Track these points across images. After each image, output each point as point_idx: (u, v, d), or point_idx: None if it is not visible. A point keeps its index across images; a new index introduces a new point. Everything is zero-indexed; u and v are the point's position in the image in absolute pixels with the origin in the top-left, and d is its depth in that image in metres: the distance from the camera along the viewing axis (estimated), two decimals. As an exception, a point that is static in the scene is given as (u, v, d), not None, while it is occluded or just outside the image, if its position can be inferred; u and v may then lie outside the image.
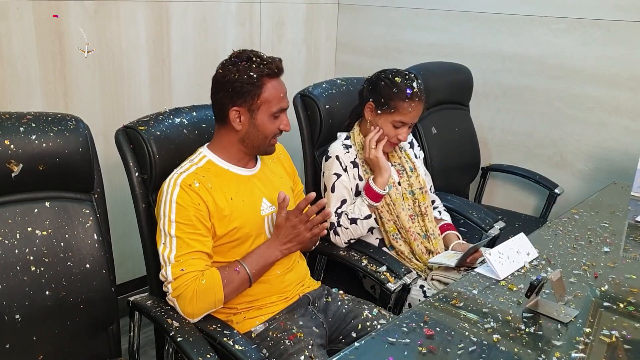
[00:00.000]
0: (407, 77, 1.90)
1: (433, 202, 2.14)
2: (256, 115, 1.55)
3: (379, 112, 1.91)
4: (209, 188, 1.52)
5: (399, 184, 1.99)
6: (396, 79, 1.89)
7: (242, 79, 1.52)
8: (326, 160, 1.96)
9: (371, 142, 1.89)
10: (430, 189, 2.14)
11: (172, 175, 1.54)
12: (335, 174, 1.92)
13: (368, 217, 1.87)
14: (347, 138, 2.00)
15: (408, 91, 1.86)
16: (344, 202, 1.92)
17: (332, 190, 1.92)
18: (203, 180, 1.52)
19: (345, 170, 1.93)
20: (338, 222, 1.89)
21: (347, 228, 1.88)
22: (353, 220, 1.87)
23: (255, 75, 1.52)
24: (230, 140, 1.60)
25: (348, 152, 1.96)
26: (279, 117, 1.59)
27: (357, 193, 1.94)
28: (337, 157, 1.94)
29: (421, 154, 2.19)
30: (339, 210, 1.91)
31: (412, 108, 1.88)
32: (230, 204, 1.54)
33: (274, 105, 1.56)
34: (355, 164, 1.95)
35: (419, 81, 1.92)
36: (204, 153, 1.61)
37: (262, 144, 1.60)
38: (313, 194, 1.55)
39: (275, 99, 1.55)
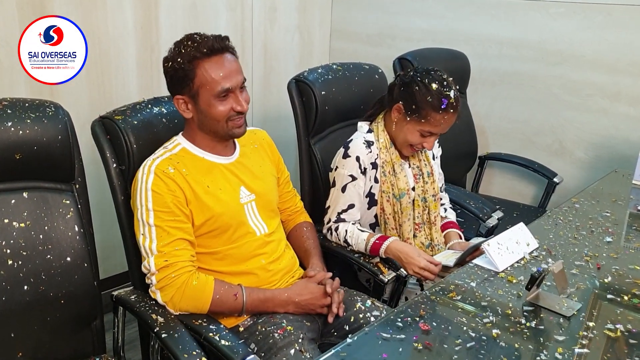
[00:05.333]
0: (444, 83, 1.73)
1: (440, 199, 2.04)
2: (198, 100, 1.47)
3: (407, 118, 1.77)
4: (185, 174, 1.48)
5: (413, 189, 1.88)
6: (432, 85, 1.71)
7: (174, 66, 1.46)
8: (344, 157, 1.83)
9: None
10: (441, 188, 2.05)
11: (146, 162, 1.49)
12: (350, 175, 1.81)
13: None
14: (370, 132, 1.87)
15: (444, 102, 1.70)
16: (351, 206, 1.83)
17: (343, 190, 1.82)
18: (178, 166, 1.48)
19: (363, 172, 1.81)
20: (337, 226, 1.83)
21: (338, 237, 1.83)
22: (346, 241, 1.82)
23: (183, 60, 1.44)
24: (193, 128, 1.55)
25: (370, 151, 1.82)
26: (227, 98, 1.48)
27: (369, 195, 1.85)
28: (358, 159, 1.80)
29: (439, 152, 2.06)
30: (343, 215, 1.83)
31: (445, 120, 1.73)
32: (207, 191, 1.50)
33: (214, 87, 1.45)
34: (374, 165, 1.83)
35: (456, 87, 1.76)
36: (179, 141, 1.56)
37: (220, 128, 1.51)
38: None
39: (213, 81, 1.44)
